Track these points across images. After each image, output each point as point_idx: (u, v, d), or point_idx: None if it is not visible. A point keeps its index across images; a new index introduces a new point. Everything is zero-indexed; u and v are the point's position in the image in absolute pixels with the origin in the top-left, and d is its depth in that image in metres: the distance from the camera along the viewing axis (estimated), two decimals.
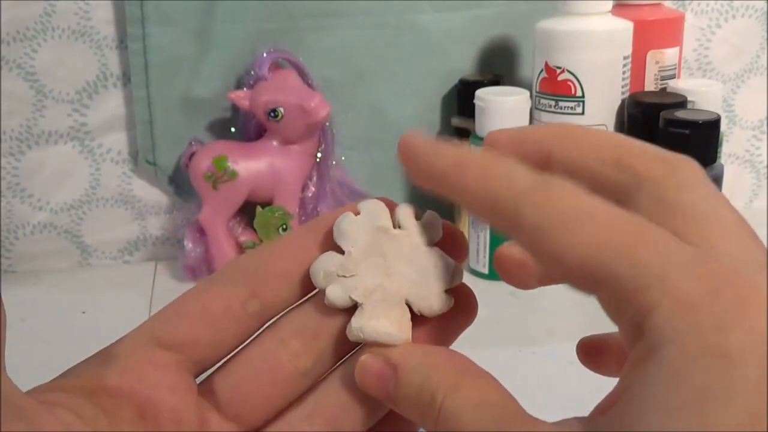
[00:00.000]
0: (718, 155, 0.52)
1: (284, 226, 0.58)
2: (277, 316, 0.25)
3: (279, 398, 0.25)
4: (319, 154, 0.62)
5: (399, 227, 0.24)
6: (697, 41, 0.68)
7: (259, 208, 0.58)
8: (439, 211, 0.26)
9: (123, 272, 0.65)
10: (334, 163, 0.63)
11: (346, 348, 0.25)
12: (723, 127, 0.52)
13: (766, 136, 0.71)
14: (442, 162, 0.22)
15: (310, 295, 0.25)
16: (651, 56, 0.60)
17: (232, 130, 0.63)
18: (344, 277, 0.24)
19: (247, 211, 0.61)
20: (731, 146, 0.71)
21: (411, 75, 0.64)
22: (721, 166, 0.51)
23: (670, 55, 0.60)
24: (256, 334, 0.25)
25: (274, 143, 0.60)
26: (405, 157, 0.23)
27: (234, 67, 0.61)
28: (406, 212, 0.24)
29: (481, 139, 0.58)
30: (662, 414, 0.16)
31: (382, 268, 0.24)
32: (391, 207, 0.25)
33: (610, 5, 0.56)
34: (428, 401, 0.21)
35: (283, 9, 0.61)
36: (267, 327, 0.25)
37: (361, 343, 0.24)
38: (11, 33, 0.59)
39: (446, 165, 0.22)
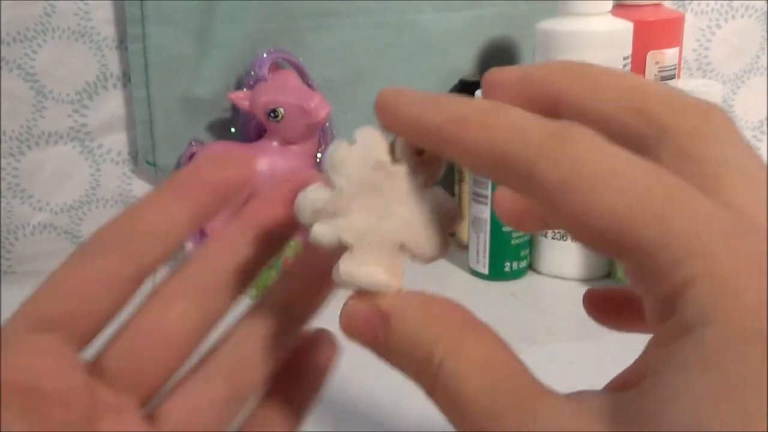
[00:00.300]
0: None
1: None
2: (160, 278, 0.24)
3: (172, 362, 0.24)
4: (319, 155, 0.62)
5: (398, 162, 0.21)
6: (697, 41, 0.68)
7: None
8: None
9: None
10: None
11: (233, 302, 0.24)
12: None
13: (766, 136, 0.72)
14: (438, 116, 0.20)
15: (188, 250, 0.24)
16: (651, 57, 0.60)
17: (232, 130, 0.63)
18: (334, 214, 0.21)
19: None
20: None
21: (411, 75, 0.64)
22: None
23: (670, 55, 0.60)
24: (141, 301, 0.24)
25: (274, 143, 0.60)
26: (386, 113, 0.21)
27: (234, 67, 0.61)
28: (404, 145, 0.21)
29: None
30: (697, 402, 0.14)
31: (378, 208, 0.21)
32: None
33: (609, 6, 0.56)
34: (425, 357, 0.19)
35: (283, 9, 0.61)
36: (151, 291, 0.24)
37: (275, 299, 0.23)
38: (11, 33, 0.59)
39: (442, 119, 0.19)
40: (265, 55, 0.60)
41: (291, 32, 0.62)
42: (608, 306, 0.24)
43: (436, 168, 0.22)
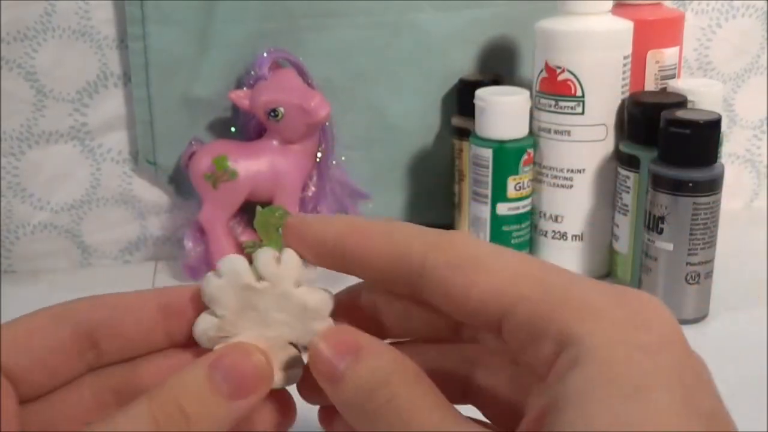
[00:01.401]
0: (719, 155, 0.52)
1: (284, 226, 0.57)
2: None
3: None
4: (319, 154, 0.62)
5: (262, 278, 0.25)
6: (698, 41, 0.68)
7: (259, 208, 0.57)
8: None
9: (123, 272, 0.65)
10: (334, 162, 0.63)
11: None
12: (723, 126, 0.52)
13: (766, 135, 0.71)
14: (342, 229, 0.23)
15: None
16: (651, 56, 0.60)
17: (233, 129, 0.63)
18: (226, 338, 0.24)
19: (247, 211, 0.61)
20: (731, 146, 0.71)
21: (411, 75, 0.64)
22: (722, 166, 0.51)
23: (670, 54, 0.60)
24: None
25: (275, 143, 0.60)
26: (294, 236, 0.24)
27: (234, 66, 0.61)
28: (263, 262, 0.25)
29: (481, 138, 0.58)
30: (609, 405, 0.17)
31: (258, 322, 0.24)
32: (250, 257, 0.25)
33: (609, 5, 0.56)
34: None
35: (283, 9, 0.61)
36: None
37: None
38: (11, 33, 0.59)
39: (342, 230, 0.23)
40: (265, 54, 0.60)
41: (291, 32, 0.62)
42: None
43: (296, 268, 0.25)
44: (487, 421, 0.24)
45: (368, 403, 0.21)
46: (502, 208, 0.58)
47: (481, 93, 0.58)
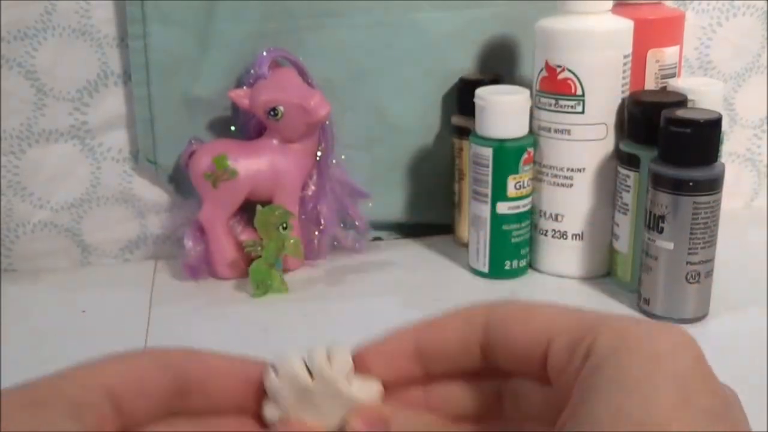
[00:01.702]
0: (719, 154, 0.52)
1: (284, 225, 0.58)
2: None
3: None
4: (319, 153, 0.62)
5: (315, 379, 0.27)
6: (698, 40, 0.68)
7: (259, 207, 0.58)
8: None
9: (123, 271, 0.65)
10: (334, 161, 0.63)
11: None
12: (724, 126, 0.52)
13: (766, 134, 0.71)
14: (407, 342, 0.26)
15: None
16: (651, 55, 0.60)
17: (232, 128, 0.63)
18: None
19: (247, 210, 0.61)
20: (732, 145, 0.71)
21: (411, 74, 0.64)
22: (722, 165, 0.51)
23: (670, 53, 0.60)
24: None
25: (274, 142, 0.60)
26: (369, 363, 0.27)
27: (234, 65, 0.61)
28: (317, 364, 0.27)
29: (481, 137, 0.58)
30: (612, 401, 0.20)
31: (316, 412, 0.27)
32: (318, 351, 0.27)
33: (610, 4, 0.56)
34: None
35: (283, 8, 0.61)
36: None
37: None
38: (12, 32, 0.59)
39: (415, 344, 0.26)
40: (265, 53, 0.60)
41: (291, 32, 0.62)
42: None
43: (347, 365, 0.27)
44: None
45: None
46: (502, 207, 0.58)
47: (481, 92, 0.58)
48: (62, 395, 0.23)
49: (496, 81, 0.62)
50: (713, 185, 0.50)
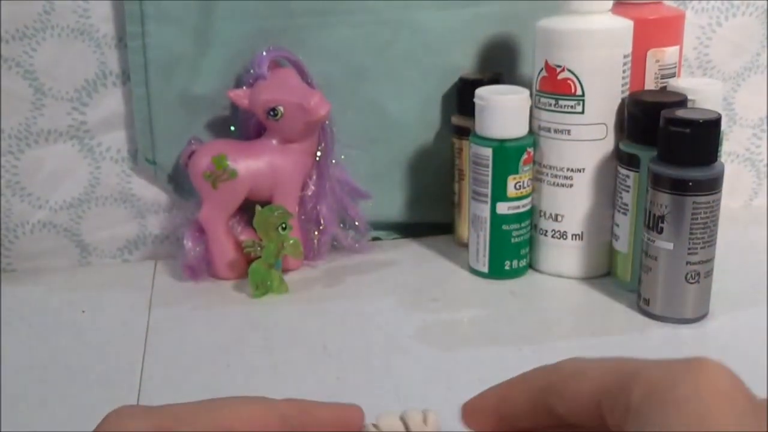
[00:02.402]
0: (719, 154, 0.52)
1: (284, 225, 0.57)
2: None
3: None
4: (318, 153, 0.62)
5: None
6: (698, 40, 0.68)
7: (258, 207, 0.58)
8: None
9: (122, 271, 0.65)
10: (333, 161, 0.63)
11: None
12: (723, 125, 0.52)
13: (766, 134, 0.71)
14: (519, 400, 0.26)
15: None
16: (651, 55, 0.60)
17: (232, 128, 0.63)
18: None
19: (246, 210, 0.61)
20: (731, 145, 0.71)
21: (411, 73, 0.64)
22: (722, 165, 0.51)
23: (670, 53, 0.60)
24: None
25: (274, 142, 0.60)
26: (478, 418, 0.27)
27: (233, 65, 0.61)
28: (415, 420, 0.29)
29: (481, 137, 0.58)
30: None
31: None
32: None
33: (610, 4, 0.56)
34: None
35: (282, 7, 0.61)
36: None
37: None
38: (10, 31, 0.59)
39: (528, 400, 0.26)
40: (264, 53, 0.60)
41: (290, 30, 0.62)
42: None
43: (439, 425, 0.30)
44: None
45: None
46: (502, 207, 0.58)
47: (481, 92, 0.58)
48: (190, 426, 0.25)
49: (496, 81, 0.62)
50: (713, 185, 0.50)
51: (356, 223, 0.65)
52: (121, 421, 0.25)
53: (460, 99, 0.64)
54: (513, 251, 0.60)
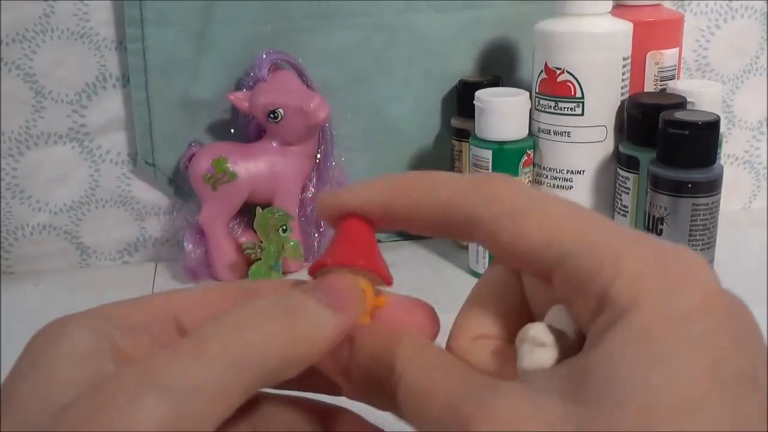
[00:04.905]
0: (718, 156, 0.52)
1: (284, 227, 0.57)
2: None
3: None
4: (318, 155, 0.62)
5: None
6: (697, 42, 0.68)
7: (258, 210, 0.58)
8: None
9: (122, 273, 0.65)
10: (333, 164, 0.63)
11: None
12: (722, 127, 0.52)
13: (765, 136, 0.71)
14: (378, 187, 0.23)
15: None
16: (650, 57, 0.60)
17: (232, 131, 0.63)
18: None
19: (247, 213, 0.61)
20: (730, 147, 0.71)
21: (410, 76, 0.64)
22: (721, 167, 0.51)
23: (669, 55, 0.60)
24: None
25: (274, 144, 0.60)
26: (327, 207, 0.24)
27: (233, 68, 0.61)
28: (542, 332, 0.24)
29: (481, 140, 0.58)
30: (639, 368, 0.18)
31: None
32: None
33: (609, 6, 0.56)
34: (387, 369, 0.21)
35: (282, 10, 0.61)
36: None
37: None
38: (10, 34, 0.59)
39: (383, 189, 0.23)
40: (264, 56, 0.60)
41: (290, 34, 0.62)
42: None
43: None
44: None
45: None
46: None
47: (480, 94, 0.58)
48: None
49: (495, 83, 0.62)
50: (712, 187, 0.50)
51: None
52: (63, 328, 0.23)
53: (460, 101, 0.64)
54: None
